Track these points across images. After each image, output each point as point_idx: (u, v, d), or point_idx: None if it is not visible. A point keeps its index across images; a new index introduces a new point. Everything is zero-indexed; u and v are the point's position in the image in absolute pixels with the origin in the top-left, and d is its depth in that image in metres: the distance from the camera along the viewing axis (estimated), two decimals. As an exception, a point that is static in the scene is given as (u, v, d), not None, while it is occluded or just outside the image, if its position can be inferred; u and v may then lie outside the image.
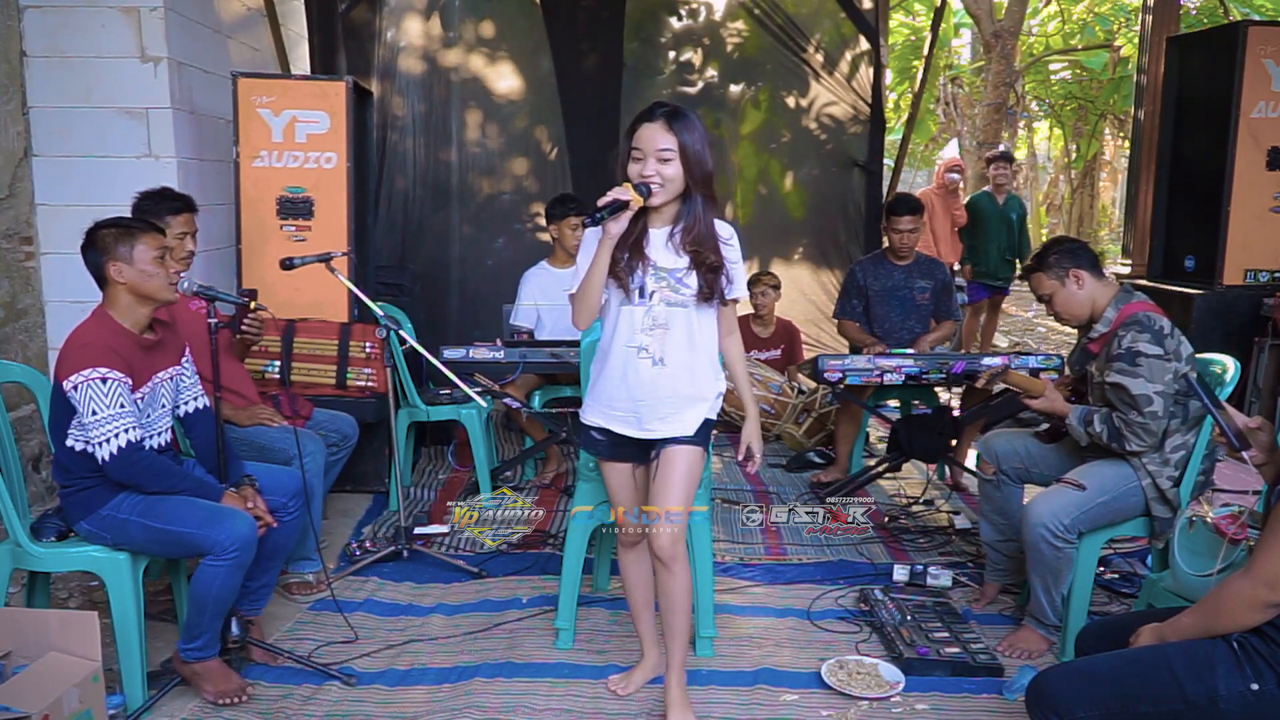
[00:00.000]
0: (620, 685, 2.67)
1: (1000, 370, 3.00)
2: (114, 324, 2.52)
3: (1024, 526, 2.84)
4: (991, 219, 6.99)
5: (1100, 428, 2.80)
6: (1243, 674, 1.80)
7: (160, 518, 2.50)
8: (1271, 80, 4.68)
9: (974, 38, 15.52)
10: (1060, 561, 2.81)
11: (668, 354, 2.35)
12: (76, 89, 4.06)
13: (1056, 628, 2.93)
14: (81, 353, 2.44)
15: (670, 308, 2.34)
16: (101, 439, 2.43)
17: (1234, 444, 2.12)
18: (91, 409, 2.41)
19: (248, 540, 2.48)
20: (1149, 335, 2.74)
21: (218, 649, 2.60)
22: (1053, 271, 2.93)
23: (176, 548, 2.55)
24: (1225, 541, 2.33)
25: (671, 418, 2.39)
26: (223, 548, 2.45)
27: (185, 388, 2.78)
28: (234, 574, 2.49)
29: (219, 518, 2.49)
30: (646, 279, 2.33)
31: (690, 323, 2.36)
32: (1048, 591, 2.87)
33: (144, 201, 3.22)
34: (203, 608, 2.51)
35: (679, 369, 2.37)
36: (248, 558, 2.50)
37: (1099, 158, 18.66)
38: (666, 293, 2.34)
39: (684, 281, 2.34)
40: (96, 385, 2.41)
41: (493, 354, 3.90)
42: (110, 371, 2.43)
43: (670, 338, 2.35)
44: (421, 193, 6.01)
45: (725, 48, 6.32)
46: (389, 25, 5.88)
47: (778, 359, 5.57)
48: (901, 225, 4.43)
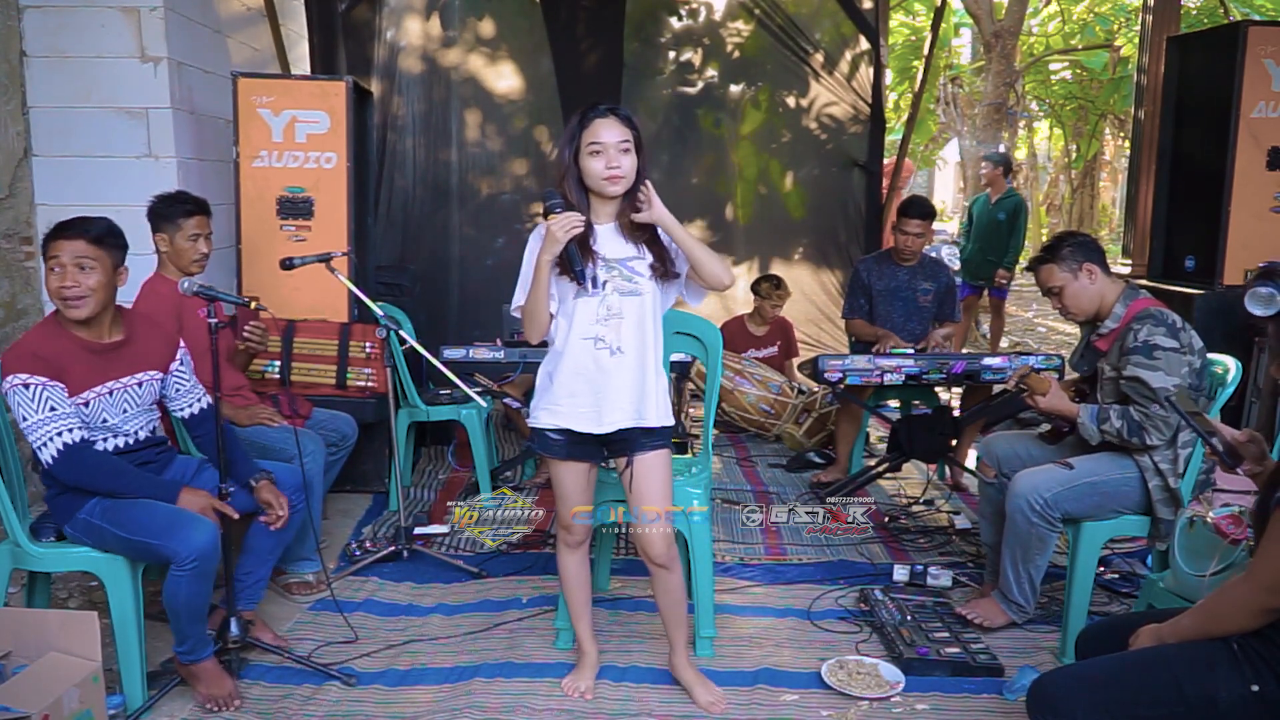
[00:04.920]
0: (577, 688, 2.65)
1: (1026, 372, 3.00)
2: (57, 329, 2.52)
3: (1007, 496, 2.86)
4: (979, 218, 7.01)
5: (1119, 423, 2.77)
6: (1242, 676, 1.80)
7: (124, 525, 2.49)
8: (1271, 80, 4.67)
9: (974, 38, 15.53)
10: (1031, 538, 2.82)
11: (624, 342, 2.40)
12: (76, 89, 4.06)
13: (1021, 608, 2.94)
14: (10, 355, 2.46)
15: (623, 297, 2.40)
16: (39, 442, 2.44)
17: (1226, 461, 2.12)
18: (22, 415, 2.43)
19: (204, 550, 2.44)
20: (1164, 329, 2.74)
21: (209, 651, 2.59)
22: (1065, 264, 2.91)
23: (143, 555, 2.53)
24: (1225, 542, 2.33)
25: (630, 408, 2.42)
26: (181, 558, 2.42)
27: (182, 392, 2.77)
28: (196, 582, 2.46)
29: (176, 527, 2.45)
30: (598, 270, 2.39)
31: (643, 311, 2.42)
32: (1015, 567, 2.89)
33: (159, 204, 3.24)
34: (177, 614, 2.50)
35: (635, 357, 2.41)
36: (209, 565, 2.47)
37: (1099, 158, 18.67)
38: (619, 281, 2.40)
39: (635, 269, 2.42)
40: (20, 391, 2.42)
41: (493, 354, 3.90)
42: (31, 377, 2.41)
43: (625, 326, 2.40)
44: (421, 193, 6.01)
45: (725, 48, 6.32)
46: (389, 25, 5.88)
47: (775, 356, 5.58)
48: (910, 228, 4.43)
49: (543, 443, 2.53)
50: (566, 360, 2.44)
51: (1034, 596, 2.95)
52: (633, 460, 2.48)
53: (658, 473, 2.49)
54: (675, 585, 2.57)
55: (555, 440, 2.50)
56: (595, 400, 2.43)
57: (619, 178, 2.36)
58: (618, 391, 2.41)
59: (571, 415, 2.45)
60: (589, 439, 2.48)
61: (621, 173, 2.35)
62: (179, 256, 3.22)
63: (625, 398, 2.42)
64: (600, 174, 2.35)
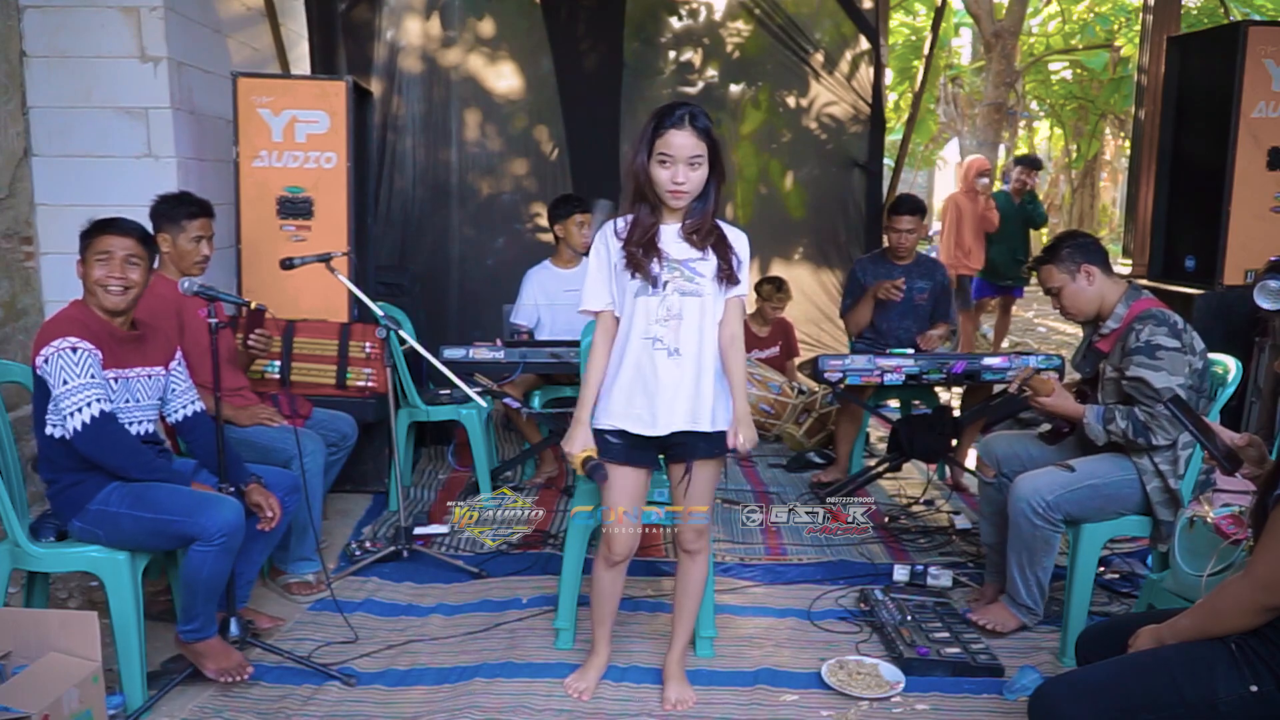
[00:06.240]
0: (578, 688, 2.65)
1: (1029, 374, 2.99)
2: (88, 311, 2.62)
3: (1009, 499, 2.86)
4: (1006, 219, 6.98)
5: (1124, 423, 2.77)
6: (1241, 676, 1.80)
7: (149, 507, 2.52)
8: (1272, 80, 4.67)
9: (974, 38, 15.52)
10: (1036, 540, 2.82)
11: (682, 344, 2.38)
12: (76, 89, 4.06)
13: (1030, 611, 2.94)
14: (52, 326, 2.55)
15: (684, 297, 2.39)
16: (72, 408, 2.48)
17: (1225, 466, 2.12)
18: (62, 378, 2.48)
19: (235, 525, 2.52)
20: (1166, 329, 2.74)
21: (214, 629, 2.64)
22: (1064, 265, 2.92)
23: (166, 537, 2.56)
24: (1224, 542, 2.32)
25: (686, 411, 2.40)
26: (210, 533, 2.48)
27: (177, 394, 2.81)
28: (222, 558, 2.52)
29: (205, 505, 2.52)
30: (661, 270, 2.38)
31: (703, 314, 2.40)
32: (1021, 569, 2.89)
33: (162, 204, 3.25)
34: (194, 591, 2.55)
35: (693, 359, 2.40)
36: (236, 542, 2.55)
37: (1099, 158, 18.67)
38: (680, 282, 2.39)
39: (697, 270, 2.40)
40: (67, 355, 2.49)
41: (493, 354, 3.90)
42: (80, 342, 2.51)
43: (684, 328, 2.39)
44: (421, 193, 6.01)
45: (725, 48, 6.31)
46: (389, 25, 5.87)
47: (776, 356, 5.59)
48: (901, 225, 4.44)
49: (602, 446, 2.47)
50: (626, 361, 2.43)
51: (1043, 598, 2.94)
52: (691, 467, 2.48)
53: (711, 480, 2.53)
54: (697, 576, 2.61)
55: (614, 443, 2.47)
56: (650, 402, 2.40)
57: (683, 194, 2.35)
58: (674, 394, 2.39)
59: (627, 417, 2.43)
60: (646, 441, 2.45)
61: (686, 189, 2.34)
62: (181, 258, 3.23)
63: (682, 401, 2.40)
64: (665, 186, 2.34)
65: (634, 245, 2.38)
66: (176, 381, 2.81)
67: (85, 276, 2.61)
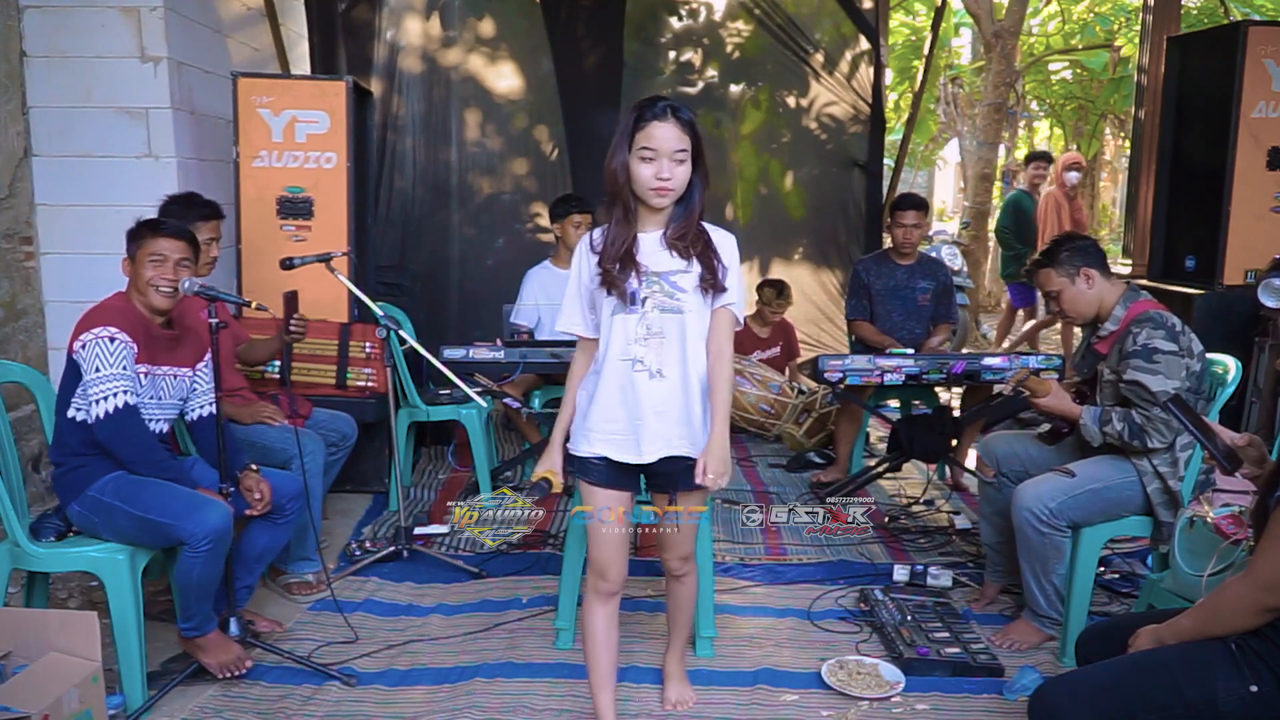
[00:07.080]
0: None
1: (1025, 375, 2.99)
2: (130, 305, 2.68)
3: (1012, 510, 2.86)
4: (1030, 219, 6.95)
5: (1120, 425, 2.77)
6: (1241, 676, 1.80)
7: (139, 504, 2.54)
8: (1272, 80, 4.67)
9: (974, 38, 15.51)
10: (1046, 548, 2.82)
11: (665, 365, 2.19)
12: (76, 89, 4.06)
13: (1054, 620, 2.93)
14: (95, 314, 2.61)
15: (664, 314, 2.18)
16: (99, 395, 2.53)
17: (1224, 466, 2.12)
18: (95, 365, 2.53)
19: (220, 531, 2.52)
20: (1163, 332, 2.74)
21: (214, 625, 2.67)
22: (1063, 268, 2.91)
23: (155, 536, 2.57)
24: (1224, 542, 2.32)
25: (672, 437, 2.22)
26: (196, 539, 2.49)
27: (198, 394, 2.85)
28: (210, 562, 2.53)
29: (193, 508, 2.52)
30: (640, 286, 2.18)
31: (686, 331, 2.20)
32: (1037, 579, 2.88)
33: (172, 205, 3.26)
34: (187, 593, 2.58)
35: (678, 381, 2.21)
36: (223, 546, 2.56)
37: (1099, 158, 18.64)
38: (660, 298, 2.18)
39: (678, 285, 2.19)
40: (104, 344, 2.55)
41: (493, 354, 3.90)
42: (119, 333, 2.56)
43: (666, 348, 2.19)
44: (421, 193, 6.01)
45: (725, 48, 6.31)
46: (389, 25, 5.88)
47: (777, 357, 5.59)
48: (906, 220, 4.46)
49: (582, 468, 2.30)
50: (605, 383, 2.22)
51: (1061, 604, 2.92)
52: (675, 499, 2.30)
53: (696, 516, 2.35)
54: (687, 596, 2.54)
55: (595, 465, 2.27)
56: (633, 427, 2.21)
57: (668, 190, 2.13)
58: (658, 419, 2.19)
59: (609, 443, 2.24)
60: (628, 468, 2.27)
61: (671, 185, 2.13)
62: None
63: (667, 426, 2.20)
64: (648, 183, 2.12)
65: (609, 262, 2.17)
66: (199, 382, 2.85)
67: (135, 276, 2.68)
